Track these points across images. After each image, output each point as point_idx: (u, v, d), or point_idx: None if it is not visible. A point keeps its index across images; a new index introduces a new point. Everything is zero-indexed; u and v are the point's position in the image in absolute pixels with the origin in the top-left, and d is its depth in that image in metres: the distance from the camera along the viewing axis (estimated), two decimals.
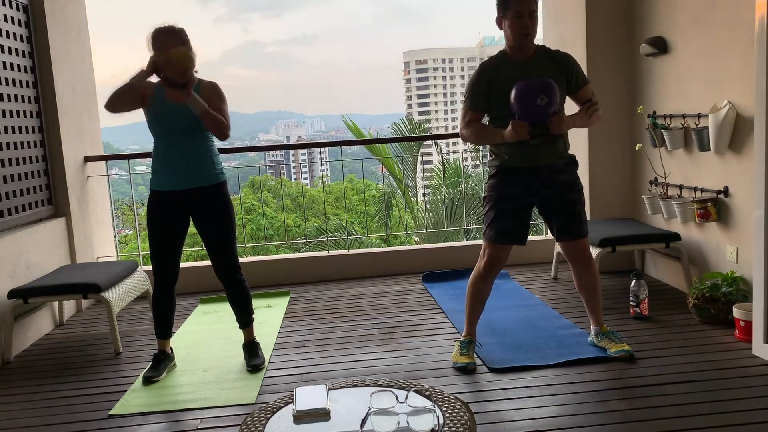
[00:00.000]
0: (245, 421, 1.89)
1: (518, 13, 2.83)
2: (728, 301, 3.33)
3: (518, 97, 2.78)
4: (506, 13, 2.87)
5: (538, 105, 2.76)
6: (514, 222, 2.99)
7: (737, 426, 2.37)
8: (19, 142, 3.97)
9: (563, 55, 2.98)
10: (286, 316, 4.02)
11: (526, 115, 2.78)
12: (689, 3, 3.77)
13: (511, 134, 2.80)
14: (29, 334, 3.82)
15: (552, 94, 2.76)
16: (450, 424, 1.77)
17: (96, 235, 4.74)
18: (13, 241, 3.75)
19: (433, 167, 12.03)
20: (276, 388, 2.96)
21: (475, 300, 3.12)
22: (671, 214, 3.93)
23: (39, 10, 4.17)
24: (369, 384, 2.07)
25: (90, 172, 4.70)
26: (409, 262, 4.94)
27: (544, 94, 2.75)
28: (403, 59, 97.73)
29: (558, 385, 2.80)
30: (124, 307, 4.15)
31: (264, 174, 22.11)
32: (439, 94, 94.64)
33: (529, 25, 2.84)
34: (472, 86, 2.98)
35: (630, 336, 3.29)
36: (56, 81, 4.27)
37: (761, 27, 2.78)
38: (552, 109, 2.78)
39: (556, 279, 4.49)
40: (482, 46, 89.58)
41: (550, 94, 2.75)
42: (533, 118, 2.78)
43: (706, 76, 3.65)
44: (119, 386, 3.09)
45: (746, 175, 3.33)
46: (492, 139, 2.95)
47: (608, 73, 4.45)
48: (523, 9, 2.82)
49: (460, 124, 3.07)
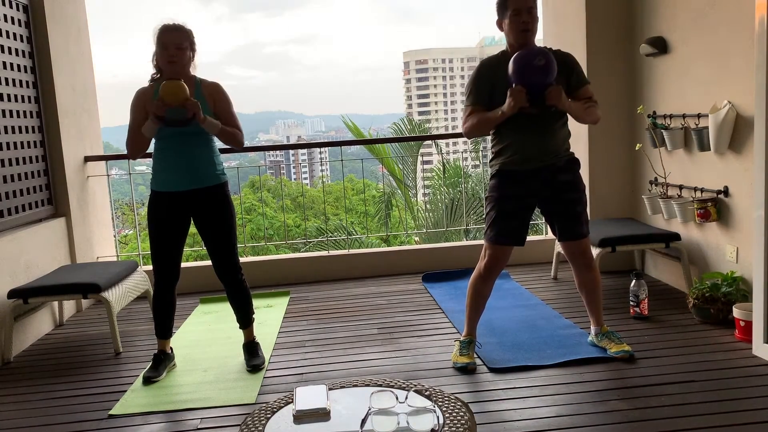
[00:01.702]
0: (245, 421, 1.89)
1: (516, 11, 2.83)
2: (728, 301, 3.33)
3: (515, 64, 2.76)
4: (505, 12, 2.87)
5: (535, 67, 2.73)
6: (515, 223, 2.99)
7: (737, 426, 2.37)
8: (19, 142, 3.97)
9: (563, 54, 2.98)
10: (286, 316, 4.02)
11: (523, 79, 2.75)
12: (689, 3, 3.77)
13: (510, 102, 2.78)
14: (29, 334, 3.82)
15: (549, 58, 2.74)
16: (450, 424, 1.77)
17: (96, 235, 4.74)
18: (13, 241, 3.75)
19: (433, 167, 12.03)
20: (276, 388, 2.96)
21: (476, 300, 3.12)
22: (671, 214, 3.93)
23: (39, 10, 4.17)
24: (369, 384, 2.07)
25: (90, 172, 4.70)
26: (409, 262, 4.94)
27: (541, 56, 2.74)
28: (403, 59, 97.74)
29: (558, 385, 2.80)
30: (124, 307, 4.15)
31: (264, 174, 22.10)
32: (439, 94, 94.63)
33: (528, 21, 2.84)
34: (474, 82, 2.97)
35: (630, 336, 3.29)
36: (56, 81, 4.26)
37: (761, 27, 2.78)
38: (549, 78, 2.75)
39: (556, 279, 4.49)
40: (482, 46, 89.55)
41: (548, 58, 2.73)
42: (531, 85, 2.75)
43: (706, 76, 3.65)
44: (119, 386, 3.09)
45: (746, 175, 3.33)
46: (492, 120, 2.90)
47: (608, 73, 4.45)
48: (521, 6, 2.82)
49: (462, 121, 3.05)
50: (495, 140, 3.02)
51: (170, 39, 2.96)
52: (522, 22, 2.83)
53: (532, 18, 2.85)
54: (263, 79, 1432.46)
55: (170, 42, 2.96)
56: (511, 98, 2.77)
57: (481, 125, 2.96)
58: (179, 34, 2.99)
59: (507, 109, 2.80)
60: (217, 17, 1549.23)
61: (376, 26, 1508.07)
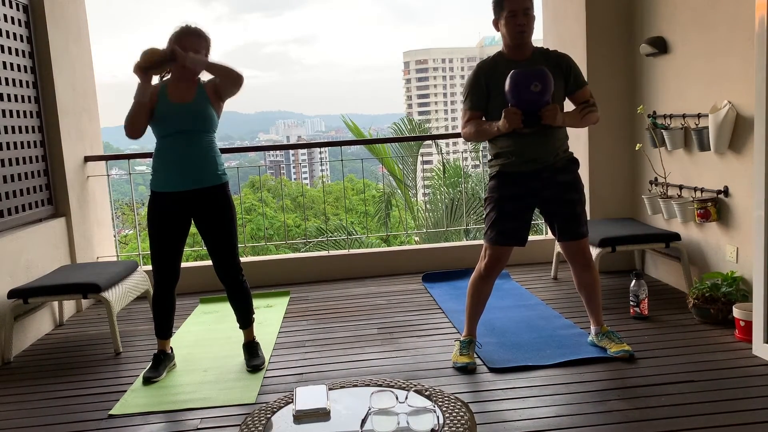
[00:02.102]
0: (245, 421, 1.89)
1: (512, 12, 2.83)
2: (728, 301, 3.33)
3: (512, 84, 2.76)
4: (501, 13, 2.87)
5: (531, 92, 2.73)
6: (514, 223, 2.99)
7: (737, 426, 2.37)
8: (19, 142, 3.97)
9: (561, 56, 2.98)
10: (286, 316, 4.02)
11: (519, 102, 2.76)
12: (689, 3, 3.77)
13: (504, 123, 2.79)
14: (29, 334, 3.82)
15: (546, 82, 2.74)
16: (450, 424, 1.77)
17: (96, 235, 4.74)
18: (13, 241, 3.75)
19: (433, 167, 12.02)
20: (276, 388, 2.96)
21: (476, 300, 3.12)
22: (671, 214, 3.93)
23: (39, 10, 4.17)
24: (369, 384, 2.07)
25: (90, 172, 4.70)
26: (409, 262, 4.94)
27: (538, 81, 2.73)
28: (403, 59, 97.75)
29: (558, 385, 2.80)
30: (124, 307, 4.15)
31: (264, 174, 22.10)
32: (439, 94, 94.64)
33: (524, 23, 2.83)
34: (470, 86, 2.98)
35: (630, 336, 3.29)
36: (56, 81, 4.26)
37: (761, 27, 2.78)
38: (546, 98, 2.76)
39: (556, 279, 4.49)
40: (482, 46, 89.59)
41: (545, 82, 2.74)
42: (526, 106, 2.76)
43: (706, 76, 3.65)
44: (119, 386, 3.09)
45: (746, 175, 3.33)
46: (487, 133, 2.94)
47: (608, 73, 4.45)
48: (517, 7, 2.82)
49: (460, 123, 3.08)
50: (494, 141, 3.02)
51: (189, 43, 2.96)
52: (518, 24, 2.84)
53: (528, 19, 2.85)
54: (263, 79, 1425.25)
55: (189, 46, 2.94)
56: (506, 119, 2.78)
57: (478, 135, 3.01)
58: (199, 40, 2.99)
59: (502, 127, 2.83)
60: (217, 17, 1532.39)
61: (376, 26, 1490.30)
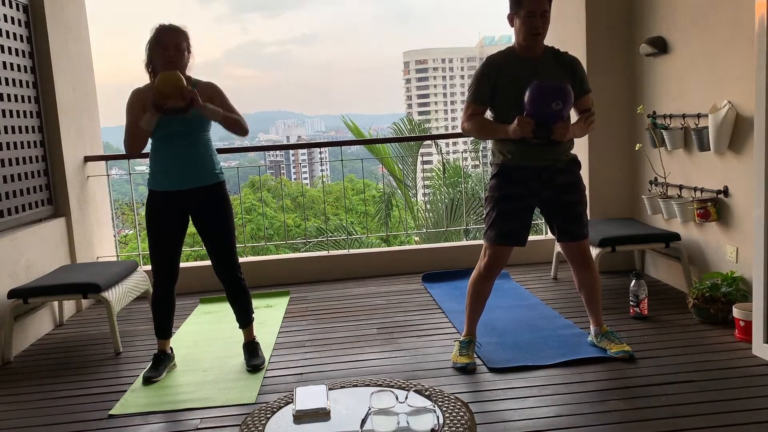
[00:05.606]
0: (245, 421, 1.89)
1: (530, 13, 2.82)
2: (728, 301, 3.33)
3: (534, 96, 2.75)
4: (518, 11, 2.85)
5: (552, 109, 2.75)
6: (515, 223, 2.99)
7: (737, 426, 2.37)
8: (19, 142, 3.97)
9: (571, 60, 2.97)
10: (285, 316, 4.02)
11: (536, 114, 2.76)
12: (689, 3, 3.77)
13: (516, 130, 2.79)
14: (29, 334, 3.82)
15: (567, 102, 2.76)
16: (450, 424, 1.77)
17: (96, 235, 4.74)
18: (13, 241, 3.75)
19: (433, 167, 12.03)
20: (276, 388, 2.96)
21: (476, 300, 3.12)
22: (671, 214, 3.93)
23: (39, 10, 4.17)
24: (369, 384, 2.07)
25: (90, 172, 4.70)
26: (409, 262, 4.94)
27: (561, 100, 2.74)
28: (403, 59, 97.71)
29: (557, 385, 2.80)
30: (124, 307, 4.15)
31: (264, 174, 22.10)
32: (439, 94, 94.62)
33: (540, 24, 2.83)
34: (478, 79, 2.96)
35: (630, 336, 3.29)
36: (56, 81, 4.26)
37: (761, 27, 2.78)
38: (563, 116, 2.78)
39: (556, 279, 4.49)
40: (482, 46, 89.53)
41: (566, 101, 2.75)
42: (542, 119, 2.76)
43: (706, 76, 3.65)
44: (119, 386, 3.09)
45: (746, 175, 3.33)
46: (494, 133, 2.94)
47: (608, 73, 4.45)
48: (536, 8, 2.81)
49: (462, 116, 3.05)
50: (500, 140, 3.01)
51: (170, 39, 2.94)
52: (534, 26, 2.83)
53: (545, 21, 2.84)
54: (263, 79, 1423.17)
55: (170, 42, 2.94)
56: (518, 127, 2.78)
57: (482, 133, 3.00)
58: (179, 35, 2.97)
59: (512, 133, 2.82)
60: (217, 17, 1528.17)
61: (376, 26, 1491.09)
